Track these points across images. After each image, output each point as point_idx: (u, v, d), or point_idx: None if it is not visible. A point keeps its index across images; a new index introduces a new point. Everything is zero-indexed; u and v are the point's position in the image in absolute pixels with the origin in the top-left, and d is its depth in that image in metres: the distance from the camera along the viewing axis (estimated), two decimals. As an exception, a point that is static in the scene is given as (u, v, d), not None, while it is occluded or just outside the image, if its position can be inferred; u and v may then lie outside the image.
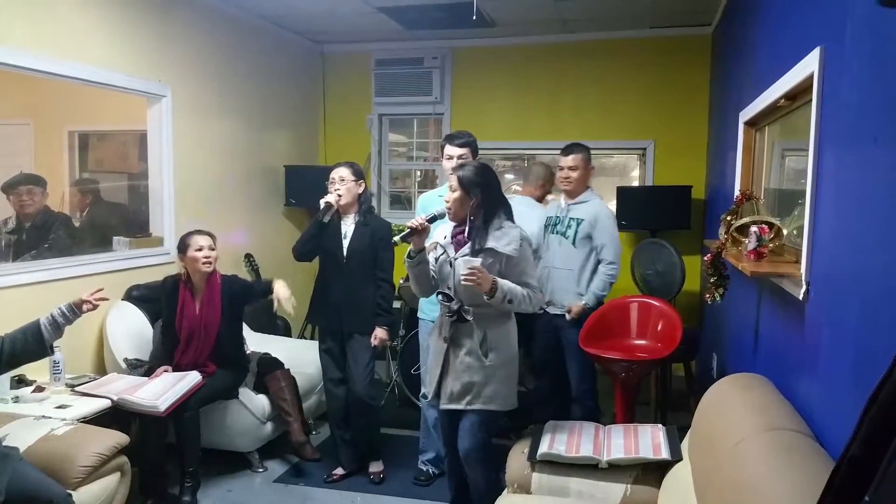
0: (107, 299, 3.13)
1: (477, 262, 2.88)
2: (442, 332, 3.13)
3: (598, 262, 3.94)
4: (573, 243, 3.97)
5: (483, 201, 3.01)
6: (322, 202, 3.74)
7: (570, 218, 4.01)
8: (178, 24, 4.71)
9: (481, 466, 3.10)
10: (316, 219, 3.77)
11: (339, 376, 3.94)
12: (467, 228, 3.05)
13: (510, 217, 3.11)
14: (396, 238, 3.04)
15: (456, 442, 3.16)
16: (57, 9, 3.78)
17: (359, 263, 3.81)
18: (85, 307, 3.02)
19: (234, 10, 5.25)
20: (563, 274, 3.99)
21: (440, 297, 3.10)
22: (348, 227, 3.85)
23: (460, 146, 3.70)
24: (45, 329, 2.92)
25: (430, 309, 3.85)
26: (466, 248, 3.02)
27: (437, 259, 3.14)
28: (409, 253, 3.09)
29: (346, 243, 3.82)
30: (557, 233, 4.04)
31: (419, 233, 3.04)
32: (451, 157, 3.70)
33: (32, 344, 2.89)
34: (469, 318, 3.03)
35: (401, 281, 4.87)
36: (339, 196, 3.77)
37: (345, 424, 3.99)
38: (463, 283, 2.86)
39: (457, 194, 3.03)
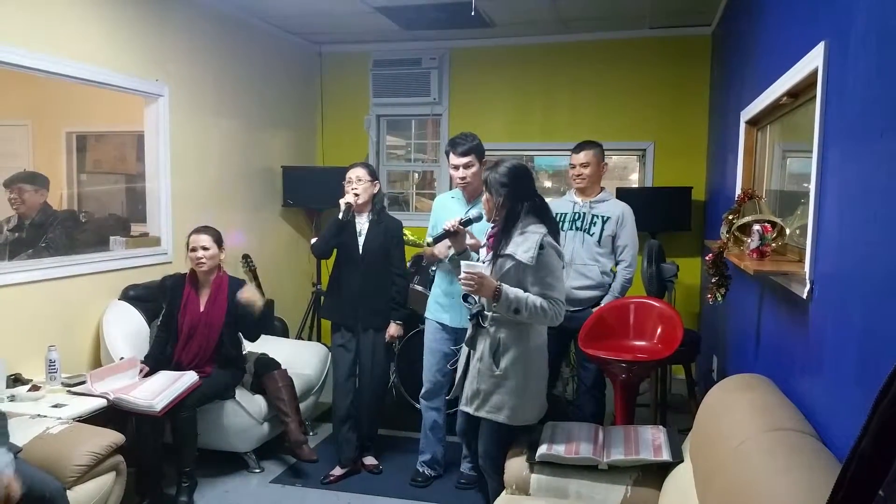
0: None
1: (480, 266, 2.79)
2: (468, 333, 3.06)
3: (617, 262, 3.93)
4: (598, 241, 3.91)
5: (505, 203, 2.89)
6: (342, 202, 3.78)
7: (595, 215, 3.93)
8: (176, 24, 4.69)
9: (492, 473, 3.04)
10: (335, 218, 3.80)
11: (351, 372, 3.98)
12: (497, 231, 2.94)
13: (543, 219, 2.95)
14: (429, 238, 2.95)
15: (474, 440, 3.14)
16: (55, 7, 3.75)
17: (374, 260, 3.90)
18: None
19: (232, 9, 5.23)
20: (584, 269, 3.90)
21: (465, 298, 3.01)
22: (363, 224, 3.93)
23: (463, 154, 3.64)
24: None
25: (436, 308, 3.83)
26: (485, 252, 2.94)
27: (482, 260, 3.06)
28: (451, 256, 3.04)
29: (361, 241, 3.90)
30: (578, 229, 3.95)
31: (453, 235, 2.95)
32: (457, 167, 3.67)
33: None
34: (485, 323, 2.93)
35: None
36: (357, 195, 3.81)
37: (351, 422, 3.99)
38: (461, 285, 2.79)
39: (485, 195, 2.96)
